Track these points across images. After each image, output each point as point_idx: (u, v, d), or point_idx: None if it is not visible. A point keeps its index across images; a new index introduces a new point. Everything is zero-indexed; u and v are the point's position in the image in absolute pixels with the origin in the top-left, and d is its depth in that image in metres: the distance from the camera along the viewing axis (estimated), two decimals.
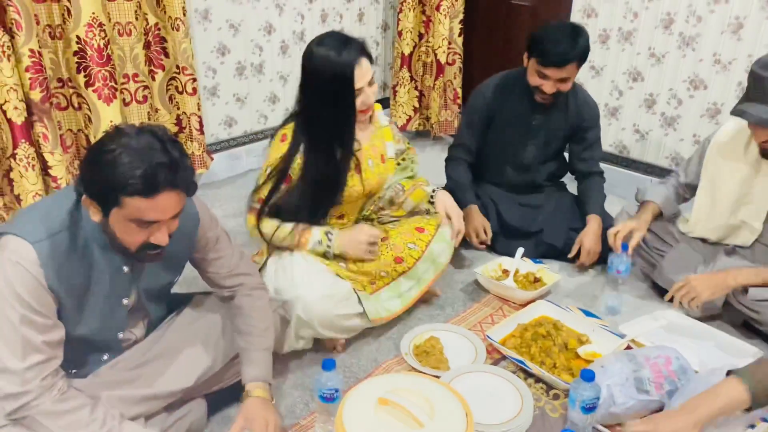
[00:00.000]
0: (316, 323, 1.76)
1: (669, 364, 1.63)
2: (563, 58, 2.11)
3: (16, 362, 1.22)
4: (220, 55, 2.94)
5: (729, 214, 1.97)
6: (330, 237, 1.87)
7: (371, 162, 1.94)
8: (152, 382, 1.45)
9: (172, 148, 1.22)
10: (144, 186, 1.17)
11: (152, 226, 1.25)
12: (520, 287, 2.17)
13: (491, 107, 2.38)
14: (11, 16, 2.10)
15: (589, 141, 2.40)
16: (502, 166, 2.47)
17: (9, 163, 2.28)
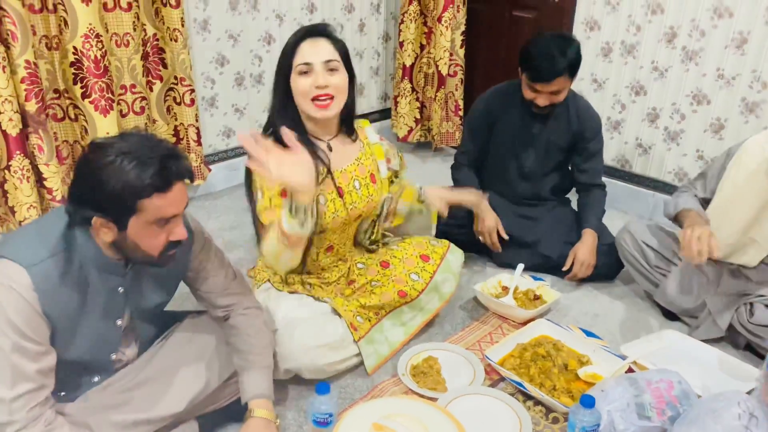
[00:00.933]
0: (305, 372, 1.72)
1: (671, 389, 1.59)
2: (551, 74, 2.11)
3: (5, 391, 1.19)
4: (218, 65, 2.92)
5: (741, 234, 1.92)
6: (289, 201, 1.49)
7: (357, 183, 1.82)
8: (144, 406, 1.42)
9: (161, 140, 1.26)
10: (160, 182, 1.19)
11: (170, 223, 1.26)
12: (520, 305, 2.14)
13: (491, 114, 2.39)
14: (7, 27, 2.08)
15: (590, 152, 2.38)
16: (505, 174, 2.45)
17: (3, 175, 2.26)
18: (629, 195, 2.95)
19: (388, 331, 1.91)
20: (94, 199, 1.20)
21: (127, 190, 1.17)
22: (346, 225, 1.85)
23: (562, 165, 2.45)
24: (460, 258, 2.02)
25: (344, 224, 1.84)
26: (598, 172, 2.43)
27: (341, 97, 1.69)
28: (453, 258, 1.99)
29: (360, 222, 1.94)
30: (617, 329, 2.12)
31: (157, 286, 1.45)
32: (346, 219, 1.81)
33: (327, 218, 1.75)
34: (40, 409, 1.23)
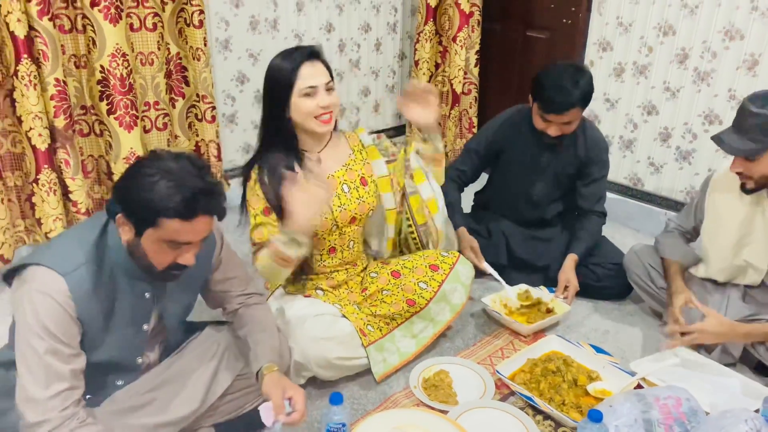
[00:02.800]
0: (313, 365, 1.78)
1: (679, 406, 1.61)
2: (564, 105, 2.12)
3: (40, 391, 1.25)
4: (239, 83, 3.00)
5: (733, 256, 1.96)
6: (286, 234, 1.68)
7: (346, 187, 1.90)
8: (164, 408, 1.48)
9: (207, 174, 1.30)
10: (184, 210, 1.24)
11: (183, 248, 1.31)
12: (531, 318, 2.18)
13: (499, 144, 2.41)
14: (38, 47, 2.17)
15: (592, 177, 2.38)
16: (512, 201, 2.48)
17: (32, 188, 2.35)
18: (641, 213, 2.97)
19: (400, 342, 1.96)
20: (126, 199, 1.27)
21: (153, 205, 1.23)
22: (342, 227, 1.92)
23: (569, 191, 2.47)
24: (470, 270, 2.06)
25: (340, 227, 1.90)
26: (598, 199, 2.42)
27: (336, 112, 1.83)
28: (462, 269, 2.03)
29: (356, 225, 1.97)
30: (627, 346, 2.14)
31: (182, 289, 1.51)
32: (339, 221, 1.89)
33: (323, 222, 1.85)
34: (73, 408, 1.29)
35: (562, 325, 2.24)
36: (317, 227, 1.84)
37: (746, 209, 1.93)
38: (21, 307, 1.27)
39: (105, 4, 2.25)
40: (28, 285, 1.27)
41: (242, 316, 1.63)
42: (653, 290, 2.19)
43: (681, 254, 2.10)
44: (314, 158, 1.86)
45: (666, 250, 2.13)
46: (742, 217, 1.93)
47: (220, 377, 1.58)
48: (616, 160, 3.04)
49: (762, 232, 1.91)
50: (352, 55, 3.44)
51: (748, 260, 1.95)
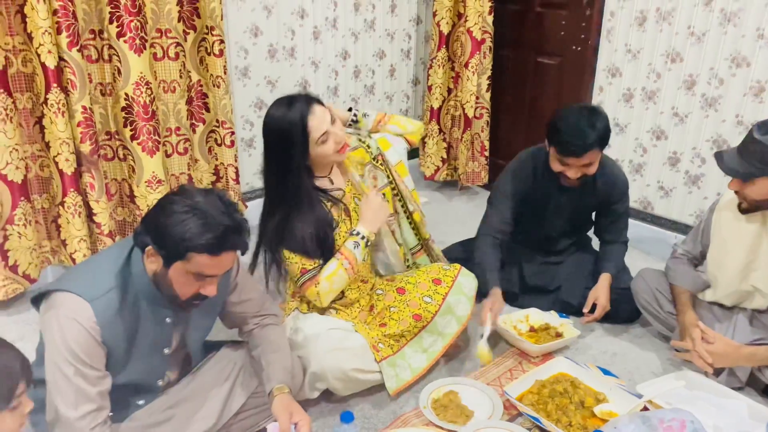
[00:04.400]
0: (329, 377, 1.83)
1: (683, 428, 1.64)
2: (582, 148, 2.08)
3: (70, 411, 1.32)
4: (257, 109, 3.10)
5: (739, 282, 1.99)
6: (355, 232, 1.95)
7: (357, 199, 2.02)
8: (183, 425, 1.54)
9: (235, 212, 1.36)
10: (214, 246, 1.31)
11: (207, 280, 1.38)
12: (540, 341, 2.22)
13: (520, 187, 2.35)
14: (67, 76, 2.28)
15: (617, 214, 2.40)
16: (528, 235, 2.49)
17: (58, 210, 2.45)
18: (652, 237, 3.00)
19: (411, 358, 2.01)
20: (157, 233, 1.34)
21: (185, 241, 1.30)
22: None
23: (586, 223, 2.50)
24: (472, 281, 2.11)
25: None
26: (623, 231, 2.45)
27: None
28: (464, 280, 2.09)
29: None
30: (634, 368, 2.17)
31: (202, 314, 1.58)
32: None
33: (343, 238, 1.95)
34: (101, 428, 1.35)
35: (570, 348, 2.27)
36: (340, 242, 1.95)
37: (752, 235, 1.96)
38: (49, 331, 1.33)
39: (130, 36, 2.36)
40: (55, 310, 1.33)
41: (257, 336, 1.70)
42: (661, 315, 2.22)
43: (691, 282, 2.13)
44: (327, 183, 1.96)
45: (677, 278, 2.16)
46: (748, 243, 1.96)
47: (236, 395, 1.64)
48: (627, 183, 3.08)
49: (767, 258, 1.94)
50: (366, 81, 3.53)
51: (755, 285, 1.98)
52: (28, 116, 2.34)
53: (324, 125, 1.82)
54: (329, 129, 1.83)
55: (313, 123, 1.80)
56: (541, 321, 2.33)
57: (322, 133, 1.81)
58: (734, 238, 2.00)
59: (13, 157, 2.26)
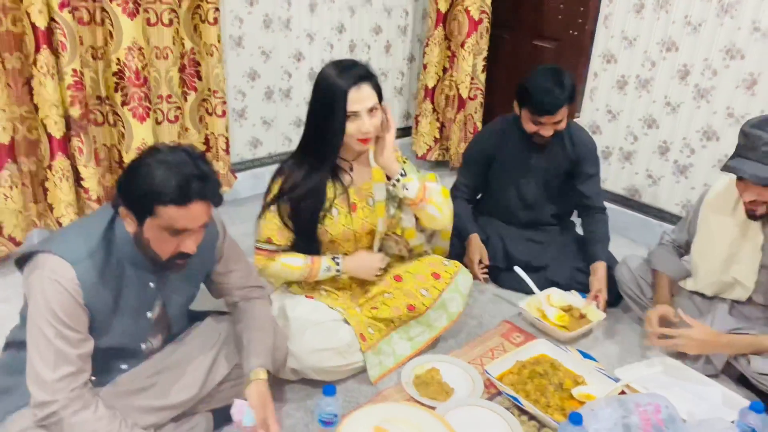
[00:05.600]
0: (311, 372, 1.85)
1: (658, 413, 1.67)
2: (554, 106, 2.24)
3: (49, 373, 1.32)
4: (250, 79, 3.07)
5: (720, 272, 2.02)
6: (338, 261, 1.96)
7: (371, 201, 1.97)
8: (165, 393, 1.55)
9: (202, 162, 1.35)
10: (177, 195, 1.29)
11: (182, 235, 1.36)
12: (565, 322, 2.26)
13: (488, 152, 2.52)
14: (58, 37, 2.24)
15: (587, 174, 2.47)
16: (507, 204, 2.56)
17: (45, 173, 2.42)
18: (638, 224, 3.03)
19: (396, 344, 2.03)
20: (126, 191, 1.34)
21: (149, 193, 1.30)
22: (359, 237, 1.99)
23: (562, 192, 2.54)
24: (469, 280, 2.13)
25: (356, 236, 1.98)
26: (597, 194, 2.51)
27: (377, 131, 1.86)
28: (462, 279, 2.10)
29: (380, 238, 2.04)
30: (614, 353, 2.21)
31: (185, 280, 1.58)
32: (357, 232, 1.96)
33: (337, 229, 1.92)
34: (80, 390, 1.36)
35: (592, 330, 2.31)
36: (337, 236, 1.94)
37: (736, 230, 1.99)
38: (32, 293, 1.33)
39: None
40: (38, 272, 1.33)
41: (241, 310, 1.70)
42: (643, 301, 2.26)
43: (671, 267, 2.16)
44: (346, 167, 1.94)
45: (657, 263, 2.19)
46: (733, 237, 1.99)
47: (219, 366, 1.65)
48: (615, 171, 3.10)
49: (750, 252, 1.97)
50: (362, 56, 3.50)
51: (736, 277, 2.01)
52: (17, 77, 2.31)
53: (358, 105, 1.78)
54: (361, 112, 1.78)
55: (352, 96, 1.77)
56: (564, 301, 2.35)
57: (352, 111, 1.78)
58: (719, 231, 2.02)
59: (0, 118, 2.23)
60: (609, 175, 3.12)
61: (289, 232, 1.91)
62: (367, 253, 2.01)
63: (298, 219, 1.88)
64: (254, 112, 3.16)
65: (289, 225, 1.90)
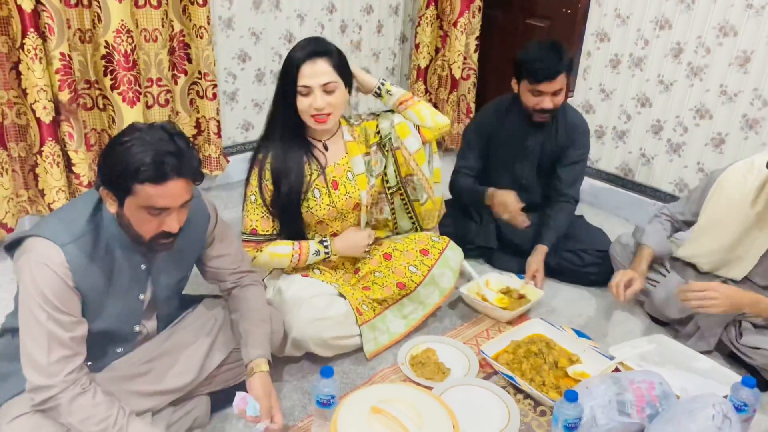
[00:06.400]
0: (310, 344, 1.85)
1: (652, 389, 1.69)
2: (553, 70, 2.22)
3: (43, 357, 1.32)
4: (240, 61, 3.04)
5: (724, 254, 2.02)
6: (326, 244, 1.96)
7: (351, 174, 1.97)
8: (161, 378, 1.55)
9: (179, 139, 1.33)
10: (153, 173, 1.27)
11: (163, 214, 1.34)
12: (505, 304, 2.25)
13: (487, 128, 2.50)
14: (45, 20, 2.21)
15: (570, 160, 2.45)
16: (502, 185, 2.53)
17: (35, 159, 2.40)
18: (631, 203, 3.04)
19: (390, 322, 2.04)
20: (104, 171, 1.32)
21: (125, 171, 1.28)
22: (345, 214, 1.99)
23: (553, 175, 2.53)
24: (459, 255, 2.13)
25: (342, 213, 1.98)
26: (572, 182, 2.48)
27: (338, 111, 1.86)
28: (452, 254, 2.10)
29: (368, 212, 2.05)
30: (608, 331, 2.23)
31: (176, 262, 1.57)
32: (343, 209, 1.96)
33: (322, 210, 1.92)
34: (77, 374, 1.36)
35: (546, 309, 2.32)
36: (324, 217, 1.93)
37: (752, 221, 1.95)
38: (22, 277, 1.33)
39: None
40: (27, 255, 1.33)
41: (236, 298, 1.69)
42: None
43: (657, 242, 2.16)
44: (320, 146, 1.93)
45: (643, 236, 2.19)
46: (747, 225, 1.96)
47: (215, 352, 1.65)
48: (609, 150, 3.10)
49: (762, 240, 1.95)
50: (353, 36, 3.47)
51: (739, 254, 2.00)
52: (4, 61, 2.27)
53: (310, 80, 1.78)
54: (314, 87, 1.78)
55: (305, 70, 1.77)
56: (501, 284, 2.36)
57: (303, 85, 1.78)
58: (733, 217, 1.99)
59: None
60: (602, 155, 3.12)
61: (273, 219, 1.91)
62: (354, 231, 2.02)
63: (280, 201, 1.88)
64: (245, 94, 3.13)
65: (272, 211, 1.89)
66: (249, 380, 1.56)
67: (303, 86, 1.78)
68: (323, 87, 1.79)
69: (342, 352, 1.96)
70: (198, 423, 1.67)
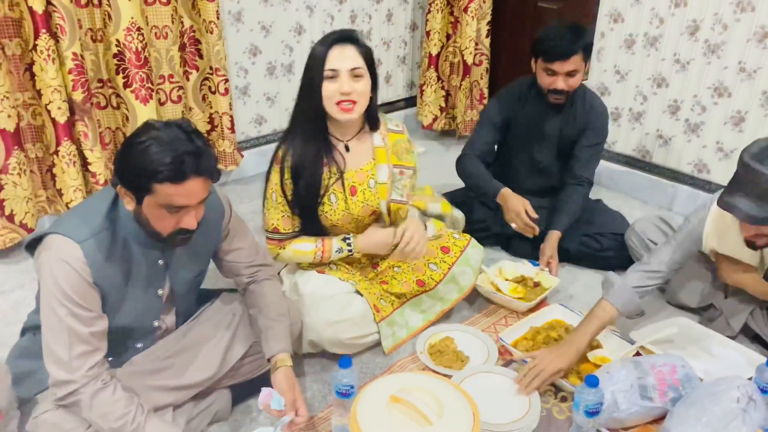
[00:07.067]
0: (327, 344, 1.86)
1: (674, 373, 1.68)
2: (567, 50, 2.20)
3: (64, 352, 1.34)
4: (251, 55, 3.04)
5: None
6: (349, 242, 1.93)
7: (373, 182, 1.92)
8: (182, 373, 1.56)
9: (196, 138, 1.33)
10: (173, 173, 1.28)
11: (181, 211, 1.35)
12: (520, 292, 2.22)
13: (507, 111, 2.47)
14: (56, 21, 2.22)
15: (586, 143, 2.42)
16: (520, 170, 2.53)
17: (52, 159, 2.43)
18: (649, 185, 3.00)
19: (409, 317, 2.03)
20: (122, 169, 1.33)
21: (144, 171, 1.28)
22: (361, 219, 1.94)
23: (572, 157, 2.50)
24: (480, 253, 2.11)
25: (358, 220, 1.94)
26: (589, 165, 2.45)
27: (363, 101, 1.79)
28: (473, 252, 2.09)
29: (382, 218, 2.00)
30: None
31: (193, 257, 1.58)
32: (359, 215, 1.92)
33: (336, 215, 1.88)
34: (98, 369, 1.38)
35: (564, 295, 2.30)
36: (338, 222, 1.90)
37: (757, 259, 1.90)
38: (42, 274, 1.35)
39: None
40: (46, 252, 1.35)
41: (252, 294, 1.69)
42: None
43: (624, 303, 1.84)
44: (340, 147, 1.88)
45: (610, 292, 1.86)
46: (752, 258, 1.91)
47: (236, 345, 1.66)
48: (625, 132, 3.06)
49: None
50: (363, 26, 3.45)
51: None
52: (18, 63, 2.30)
53: (339, 64, 1.71)
54: (341, 71, 1.72)
55: (332, 54, 1.72)
56: (515, 272, 2.32)
57: (331, 68, 1.72)
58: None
59: (4, 105, 2.22)
60: (619, 137, 3.08)
61: (295, 217, 1.88)
62: (377, 229, 1.96)
63: (299, 201, 1.86)
64: (257, 88, 3.13)
65: (293, 208, 1.87)
66: (273, 375, 1.57)
67: (330, 69, 1.72)
68: (351, 71, 1.73)
69: (359, 350, 1.96)
70: (219, 416, 1.69)
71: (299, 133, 1.83)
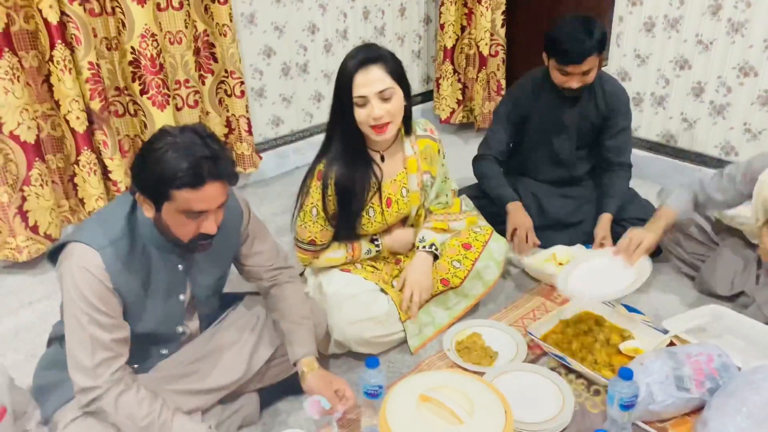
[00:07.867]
0: (352, 344, 1.85)
1: (711, 362, 1.63)
2: (581, 54, 2.13)
3: (87, 359, 1.34)
4: (266, 57, 3.03)
5: None
6: (377, 243, 1.98)
7: (405, 191, 1.95)
8: (207, 376, 1.56)
9: (212, 142, 1.32)
10: (190, 178, 1.27)
11: (201, 216, 1.35)
12: None
13: (523, 105, 2.41)
14: (71, 31, 2.23)
15: (615, 129, 2.37)
16: (540, 162, 2.48)
17: (73, 169, 2.44)
18: (674, 170, 2.93)
19: (434, 314, 2.01)
20: (139, 177, 1.33)
21: (162, 178, 1.27)
22: (392, 225, 2.02)
23: (594, 146, 2.45)
24: (503, 246, 2.08)
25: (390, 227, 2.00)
26: (625, 150, 2.41)
27: (397, 119, 1.78)
28: (495, 246, 2.05)
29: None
30: (659, 304, 2.15)
31: (212, 261, 1.57)
32: (390, 223, 1.98)
33: (373, 227, 1.92)
34: (121, 373, 1.38)
35: None
36: (368, 229, 1.94)
37: None
38: (64, 282, 1.35)
39: None
40: (67, 261, 1.35)
41: (274, 297, 1.68)
42: (680, 253, 2.18)
43: (682, 209, 2.08)
44: (377, 158, 1.89)
45: (669, 199, 2.11)
46: None
47: (261, 348, 1.65)
48: (648, 117, 2.99)
49: None
50: (376, 22, 3.43)
51: None
52: (36, 75, 2.31)
53: (367, 90, 1.70)
54: (369, 97, 1.70)
55: (358, 80, 1.70)
56: (570, 256, 2.28)
57: (360, 96, 1.71)
58: None
59: (24, 117, 2.24)
60: (642, 123, 3.02)
61: (331, 229, 1.90)
62: (402, 230, 2.03)
63: (344, 217, 1.87)
64: (273, 89, 3.12)
65: (333, 224, 1.88)
66: (304, 384, 1.56)
67: (359, 97, 1.71)
68: (379, 95, 1.71)
69: (385, 349, 1.94)
70: (248, 420, 1.68)
71: (340, 150, 1.82)
